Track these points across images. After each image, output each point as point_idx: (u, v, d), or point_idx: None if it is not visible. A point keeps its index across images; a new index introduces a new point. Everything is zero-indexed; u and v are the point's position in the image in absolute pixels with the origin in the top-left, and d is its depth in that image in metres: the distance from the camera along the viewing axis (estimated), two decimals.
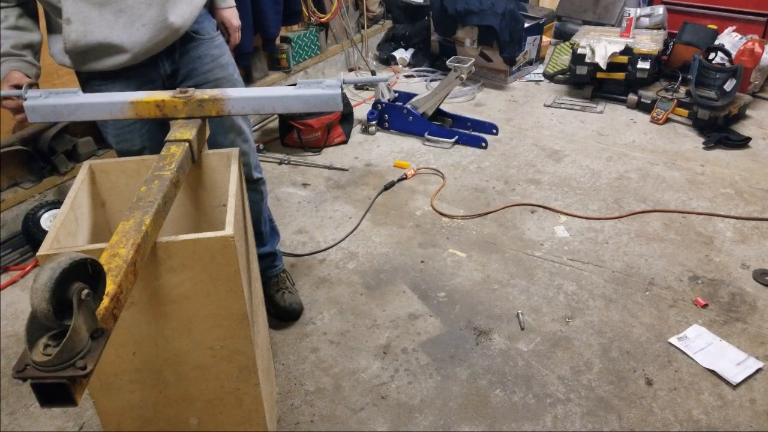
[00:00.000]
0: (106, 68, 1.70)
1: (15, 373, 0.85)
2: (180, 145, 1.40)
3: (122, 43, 1.65)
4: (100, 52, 1.66)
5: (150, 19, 1.67)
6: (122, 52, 1.67)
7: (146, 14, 1.66)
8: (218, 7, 2.01)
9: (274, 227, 2.31)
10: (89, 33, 1.62)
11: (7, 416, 1.94)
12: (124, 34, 1.65)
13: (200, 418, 1.52)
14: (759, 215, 2.79)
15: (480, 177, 3.19)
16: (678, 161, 3.28)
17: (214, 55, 1.89)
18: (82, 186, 1.43)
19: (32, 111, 1.49)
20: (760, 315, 2.24)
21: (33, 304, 0.83)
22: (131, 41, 1.66)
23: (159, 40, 1.71)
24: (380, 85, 3.76)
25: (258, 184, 2.10)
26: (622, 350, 2.11)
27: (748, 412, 1.88)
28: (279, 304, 2.27)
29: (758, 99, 3.89)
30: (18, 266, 2.63)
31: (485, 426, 1.86)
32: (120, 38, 1.65)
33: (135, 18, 1.65)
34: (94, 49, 1.65)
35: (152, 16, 1.67)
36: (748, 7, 4.27)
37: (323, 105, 1.53)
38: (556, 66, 4.42)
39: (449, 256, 2.60)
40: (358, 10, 4.64)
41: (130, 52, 1.68)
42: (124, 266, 1.02)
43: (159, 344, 1.37)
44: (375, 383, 2.01)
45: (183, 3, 1.74)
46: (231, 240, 1.24)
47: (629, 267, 2.50)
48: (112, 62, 1.69)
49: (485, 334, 2.20)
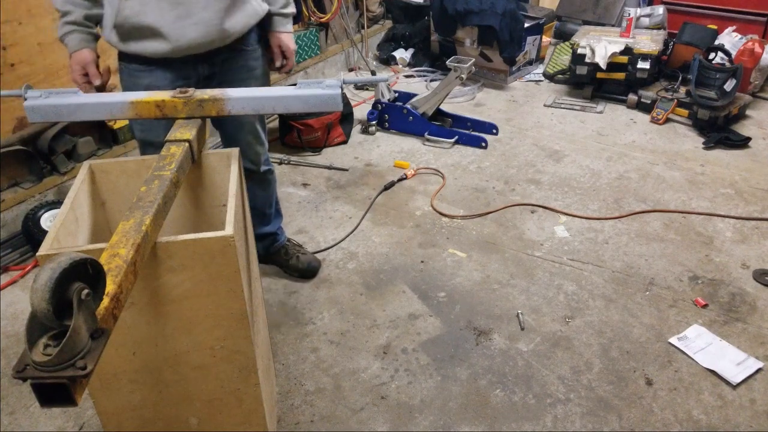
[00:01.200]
0: (146, 53, 1.75)
1: (15, 373, 0.85)
2: (180, 145, 1.40)
3: (167, 34, 1.70)
4: (144, 35, 1.71)
5: (203, 20, 1.73)
6: (164, 42, 1.72)
7: (201, 14, 1.72)
8: (276, 31, 2.02)
9: (278, 210, 2.45)
10: (141, 14, 1.67)
11: (7, 416, 1.94)
12: (172, 26, 1.70)
13: (200, 418, 1.52)
14: (759, 215, 2.79)
15: (480, 177, 3.19)
16: (678, 161, 3.28)
17: (251, 66, 1.96)
18: (82, 186, 1.43)
19: (32, 111, 1.49)
20: (760, 315, 2.24)
21: (33, 304, 0.83)
22: (176, 34, 1.71)
23: (205, 42, 1.77)
24: (380, 85, 3.76)
25: (266, 174, 2.25)
26: (622, 350, 2.11)
27: (748, 412, 1.88)
28: (298, 267, 2.47)
29: (758, 99, 3.89)
30: (18, 266, 2.63)
31: (485, 426, 1.86)
32: (167, 28, 1.70)
33: (189, 14, 1.71)
34: (140, 31, 1.70)
35: (207, 17, 1.73)
36: (748, 7, 4.27)
37: (323, 105, 1.53)
38: (556, 66, 4.42)
39: (449, 256, 2.60)
40: (358, 10, 4.64)
41: (172, 45, 1.73)
42: (124, 266, 1.02)
43: (159, 344, 1.37)
44: (375, 383, 2.01)
45: (240, 14, 1.80)
46: (231, 240, 1.24)
47: (629, 267, 2.50)
48: (152, 48, 1.74)
49: (485, 334, 2.20)
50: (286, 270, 2.51)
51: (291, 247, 2.51)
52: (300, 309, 2.34)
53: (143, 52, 1.76)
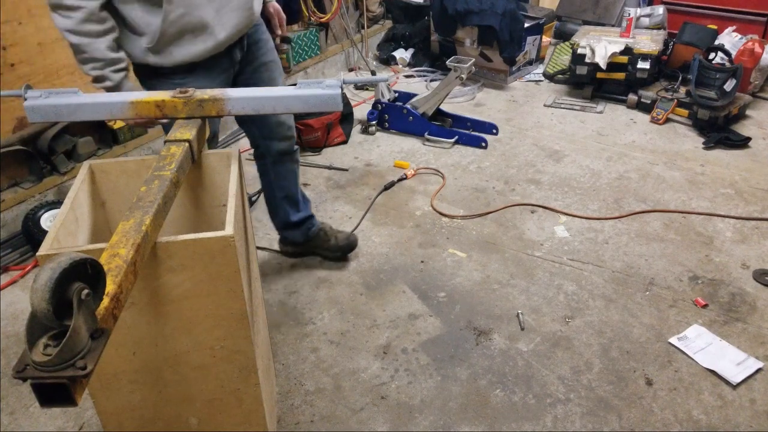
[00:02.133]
0: (193, 54, 1.79)
1: (15, 373, 0.85)
2: (180, 145, 1.40)
3: (213, 27, 1.77)
4: (192, 33, 1.75)
5: (238, 5, 1.81)
6: (210, 37, 1.78)
7: (236, 1, 1.80)
8: (267, 1, 2.15)
9: (304, 194, 2.50)
10: (187, 14, 1.72)
11: (7, 416, 1.94)
12: (215, 18, 1.77)
13: (200, 418, 1.52)
14: (759, 215, 2.79)
15: (480, 177, 3.19)
16: (678, 161, 3.28)
17: (265, 39, 2.07)
18: (82, 186, 1.44)
19: (32, 111, 1.49)
20: (760, 315, 2.24)
21: (33, 304, 0.83)
22: (221, 24, 1.78)
23: (243, 26, 1.87)
24: (380, 85, 3.76)
25: (295, 154, 2.33)
26: (622, 350, 2.11)
27: (748, 412, 1.88)
28: (340, 245, 2.54)
29: (758, 99, 3.89)
30: (18, 266, 2.63)
31: (485, 426, 1.86)
32: (212, 21, 1.76)
33: (225, 2, 1.77)
34: (189, 29, 1.74)
35: (241, 3, 1.81)
36: (748, 7, 4.27)
37: (323, 105, 1.53)
38: (556, 66, 4.42)
39: (449, 256, 2.60)
40: (358, 10, 4.64)
41: (216, 38, 1.79)
42: (124, 266, 1.02)
43: (159, 344, 1.37)
44: (375, 383, 2.01)
45: None
46: (231, 240, 1.24)
47: (629, 267, 2.50)
48: (197, 49, 1.78)
49: (485, 334, 2.20)
50: (325, 253, 2.55)
51: (326, 231, 2.54)
52: (300, 309, 2.34)
53: (187, 55, 1.79)
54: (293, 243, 2.55)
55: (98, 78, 1.71)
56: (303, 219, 2.46)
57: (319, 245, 2.54)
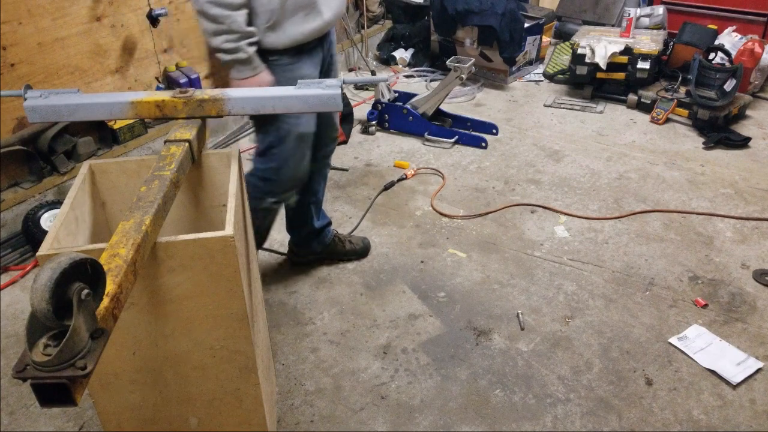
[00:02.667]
0: (303, 33, 1.84)
1: (15, 373, 0.85)
2: (180, 145, 1.40)
3: (321, 6, 1.85)
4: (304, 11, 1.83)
5: None
6: (318, 17, 1.86)
7: None
8: None
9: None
10: None
11: (7, 416, 1.94)
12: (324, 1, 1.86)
13: (200, 418, 1.52)
14: (759, 215, 2.79)
15: (480, 177, 3.19)
16: (678, 161, 3.28)
17: (333, 37, 2.12)
18: (82, 186, 1.44)
19: (32, 111, 1.49)
20: (760, 315, 2.24)
21: (33, 304, 0.83)
22: (326, 4, 1.87)
23: (340, 11, 1.95)
24: (380, 85, 3.75)
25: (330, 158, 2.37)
26: (622, 350, 2.11)
27: (748, 412, 1.88)
28: (356, 249, 2.58)
29: (758, 99, 3.89)
30: (18, 266, 2.63)
31: (485, 426, 1.86)
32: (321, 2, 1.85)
33: None
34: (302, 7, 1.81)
35: None
36: (748, 7, 4.27)
37: (323, 105, 1.53)
38: (556, 66, 4.42)
39: (449, 256, 2.60)
40: (358, 10, 4.64)
41: (324, 18, 1.87)
42: (124, 266, 1.02)
43: (159, 344, 1.37)
44: (375, 383, 2.01)
45: None
46: (231, 240, 1.24)
47: (629, 267, 2.50)
48: (308, 26, 1.85)
49: (485, 334, 2.20)
50: (342, 258, 2.57)
51: (341, 236, 2.57)
52: (300, 309, 2.34)
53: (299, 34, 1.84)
54: (313, 252, 2.51)
55: (231, 50, 1.74)
56: (324, 225, 2.46)
57: (336, 251, 2.54)
